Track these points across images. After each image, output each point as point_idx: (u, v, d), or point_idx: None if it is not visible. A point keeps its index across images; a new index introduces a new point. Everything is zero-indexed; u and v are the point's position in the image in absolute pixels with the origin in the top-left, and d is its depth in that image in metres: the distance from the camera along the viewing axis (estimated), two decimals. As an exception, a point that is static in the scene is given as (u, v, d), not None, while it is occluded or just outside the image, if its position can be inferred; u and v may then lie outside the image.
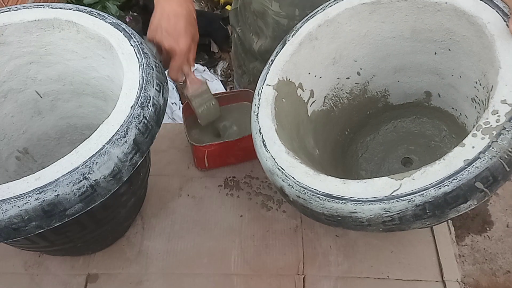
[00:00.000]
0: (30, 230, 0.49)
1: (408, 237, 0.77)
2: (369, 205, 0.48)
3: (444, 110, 0.74)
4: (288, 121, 0.66)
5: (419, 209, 0.46)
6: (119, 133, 0.53)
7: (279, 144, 0.59)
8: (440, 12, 0.61)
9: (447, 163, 0.46)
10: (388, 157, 0.78)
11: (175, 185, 0.86)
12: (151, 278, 0.74)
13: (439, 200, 0.46)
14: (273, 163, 0.57)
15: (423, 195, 0.46)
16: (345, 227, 0.51)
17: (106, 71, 0.68)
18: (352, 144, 0.81)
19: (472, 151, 0.46)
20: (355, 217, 0.49)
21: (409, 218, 0.47)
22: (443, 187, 0.45)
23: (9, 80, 0.71)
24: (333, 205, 0.50)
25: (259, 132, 0.61)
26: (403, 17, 0.65)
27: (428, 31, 0.65)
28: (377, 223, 0.49)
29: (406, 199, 0.47)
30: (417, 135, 0.79)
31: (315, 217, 0.54)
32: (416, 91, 0.76)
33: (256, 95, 0.66)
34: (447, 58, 0.66)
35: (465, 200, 0.45)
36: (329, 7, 0.69)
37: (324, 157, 0.72)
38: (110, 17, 0.66)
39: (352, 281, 0.73)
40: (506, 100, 0.47)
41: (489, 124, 0.47)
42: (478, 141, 0.46)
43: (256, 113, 0.64)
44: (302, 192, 0.53)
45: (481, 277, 0.73)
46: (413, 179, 0.47)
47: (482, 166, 0.45)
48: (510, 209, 0.81)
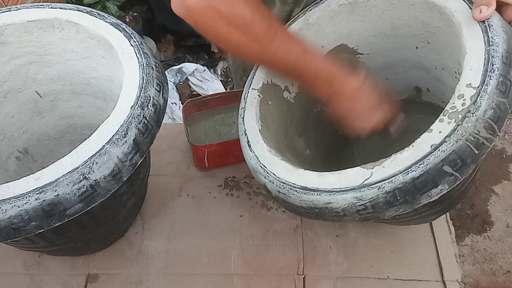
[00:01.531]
0: (30, 230, 0.49)
1: (408, 237, 0.77)
2: (342, 195, 0.49)
3: (436, 105, 0.74)
4: (274, 122, 0.66)
5: (390, 195, 0.47)
6: (119, 133, 0.53)
7: (262, 143, 0.60)
8: (413, 6, 0.62)
9: (415, 149, 0.47)
10: (384, 155, 0.78)
11: (175, 185, 0.86)
12: (151, 278, 0.74)
13: (408, 186, 0.46)
14: (256, 162, 0.59)
15: (392, 181, 0.47)
16: (323, 218, 0.52)
17: (106, 71, 0.68)
18: (347, 145, 0.81)
19: (439, 136, 0.46)
20: (331, 207, 0.50)
21: (381, 206, 0.48)
22: (411, 172, 0.46)
23: (9, 80, 0.71)
24: (310, 197, 0.51)
25: (244, 134, 0.62)
26: (380, 14, 0.66)
27: (406, 26, 0.65)
28: (352, 213, 0.49)
29: (376, 187, 0.47)
30: (413, 131, 0.78)
31: (295, 211, 0.55)
32: (406, 87, 0.76)
33: (242, 99, 0.67)
34: (428, 51, 0.67)
35: (435, 184, 0.46)
36: (309, 10, 0.69)
37: (315, 157, 0.73)
38: (110, 17, 0.66)
39: (352, 281, 0.73)
40: (471, 84, 0.48)
41: (455, 108, 0.47)
42: (445, 126, 0.47)
43: (242, 116, 0.65)
44: (282, 187, 0.54)
45: (481, 277, 0.73)
46: (383, 167, 0.48)
47: (448, 149, 0.45)
48: (510, 209, 0.81)
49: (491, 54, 0.48)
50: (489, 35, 0.50)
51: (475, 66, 0.49)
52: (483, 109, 0.46)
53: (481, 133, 0.45)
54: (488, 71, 0.47)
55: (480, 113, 0.46)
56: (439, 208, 0.67)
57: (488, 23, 0.51)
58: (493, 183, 0.84)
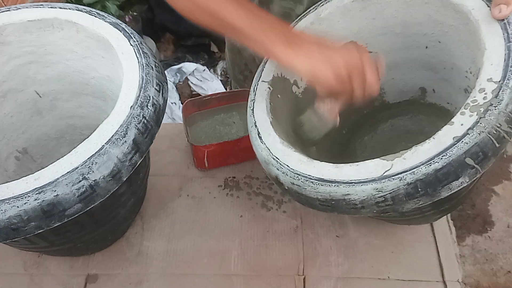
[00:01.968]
0: (29, 231, 0.49)
1: (409, 237, 0.77)
2: (362, 186, 0.49)
3: (440, 106, 0.74)
4: (283, 116, 0.66)
5: (411, 187, 0.47)
6: (119, 133, 0.53)
7: (273, 135, 0.59)
8: (427, 5, 0.62)
9: (436, 142, 0.47)
10: (387, 155, 0.79)
11: (175, 185, 0.86)
12: (151, 278, 0.74)
13: (430, 177, 0.46)
14: (268, 153, 0.58)
15: (414, 173, 0.46)
16: (339, 211, 0.51)
17: (106, 71, 0.68)
18: (350, 144, 0.81)
19: (461, 128, 0.46)
20: (349, 199, 0.50)
21: (401, 198, 0.47)
22: (434, 163, 0.46)
23: (9, 80, 0.71)
24: (327, 188, 0.51)
25: (255, 125, 0.62)
26: (393, 12, 0.66)
27: (418, 25, 0.65)
28: (371, 205, 0.49)
29: (398, 178, 0.47)
30: (415, 132, 0.79)
31: (309, 203, 0.54)
32: (411, 88, 0.76)
33: (251, 91, 0.67)
34: (438, 51, 0.67)
35: (456, 176, 0.46)
36: (321, 6, 0.69)
37: (321, 155, 0.73)
38: (109, 16, 0.66)
39: (352, 281, 0.73)
40: (492, 78, 0.48)
41: (476, 102, 0.47)
42: (466, 119, 0.47)
43: (251, 108, 0.65)
44: (296, 178, 0.54)
45: (482, 278, 0.73)
46: (404, 158, 0.48)
47: (471, 141, 0.45)
48: (511, 209, 0.80)
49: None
50: (508, 31, 0.51)
51: (496, 62, 0.49)
52: (505, 102, 0.46)
53: (502, 126, 0.46)
54: (509, 66, 0.48)
55: (502, 106, 0.46)
56: (445, 207, 0.67)
57: (507, 20, 0.52)
58: (494, 183, 0.84)
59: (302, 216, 0.80)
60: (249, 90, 0.89)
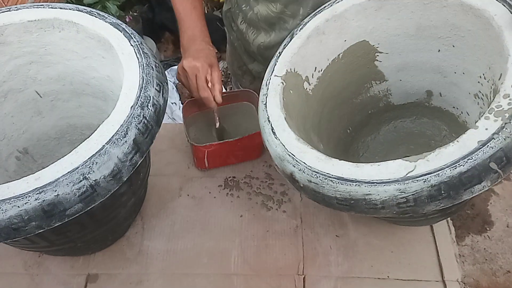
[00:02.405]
0: (30, 230, 0.49)
1: (408, 237, 0.77)
2: (384, 187, 0.48)
3: (445, 110, 0.74)
4: (295, 112, 0.66)
5: (435, 189, 0.47)
6: (119, 133, 0.53)
7: (288, 131, 0.59)
8: (446, 8, 0.62)
9: (461, 145, 0.47)
10: (388, 157, 0.78)
11: (175, 185, 0.86)
12: (151, 278, 0.74)
13: (454, 180, 0.46)
14: (283, 149, 0.57)
15: (439, 175, 0.46)
16: (358, 210, 0.51)
17: (106, 71, 0.68)
18: (353, 143, 0.81)
19: (486, 133, 0.47)
20: (369, 199, 0.49)
21: (424, 200, 0.47)
22: (459, 167, 0.46)
23: (9, 80, 0.71)
24: (347, 187, 0.50)
25: (268, 121, 0.61)
26: (409, 13, 0.66)
27: (433, 28, 0.65)
28: (391, 205, 0.49)
29: (422, 179, 0.47)
30: (418, 135, 0.79)
31: (326, 202, 0.53)
32: (418, 90, 0.76)
33: (264, 86, 0.66)
34: (451, 55, 0.66)
35: (479, 180, 0.46)
36: (336, 2, 0.69)
37: (328, 153, 0.72)
38: (110, 17, 0.66)
39: (352, 281, 0.73)
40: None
41: (501, 107, 0.48)
42: (491, 123, 0.47)
43: (264, 102, 0.64)
44: (314, 176, 0.53)
45: (481, 277, 0.73)
46: (428, 160, 0.48)
47: (496, 146, 0.45)
48: (510, 209, 0.80)
49: None
50: None
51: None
52: None
53: None
54: None
55: None
56: (451, 211, 0.67)
57: None
58: (493, 183, 0.84)
59: (302, 216, 0.80)
60: (249, 90, 0.90)
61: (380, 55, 0.73)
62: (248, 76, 1.04)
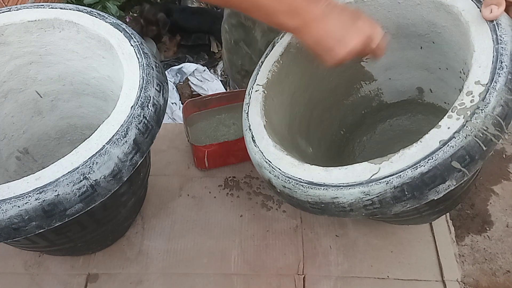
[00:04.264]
0: (30, 230, 0.49)
1: (408, 237, 0.77)
2: (349, 190, 0.49)
3: (438, 106, 0.74)
4: (278, 119, 0.67)
5: (398, 190, 0.47)
6: (119, 133, 0.53)
7: (267, 138, 0.60)
8: (420, 5, 0.62)
9: (423, 145, 0.47)
10: (385, 155, 0.79)
11: (175, 185, 0.86)
12: (151, 278, 0.74)
13: (416, 181, 0.46)
14: (261, 157, 0.59)
15: (400, 176, 0.47)
16: (329, 214, 0.52)
17: (106, 71, 0.68)
18: (348, 144, 0.81)
19: (448, 132, 0.46)
20: (337, 202, 0.50)
21: (389, 201, 0.48)
22: (420, 167, 0.46)
23: (9, 80, 0.71)
24: (316, 192, 0.51)
25: (249, 129, 0.62)
26: (386, 13, 0.66)
27: (412, 26, 0.65)
28: (359, 208, 0.49)
29: (384, 181, 0.47)
30: (414, 132, 0.79)
31: (300, 206, 0.55)
32: (408, 88, 0.76)
33: (247, 95, 0.67)
34: (433, 51, 0.67)
35: (443, 180, 0.46)
36: None
37: (317, 156, 0.73)
38: (110, 17, 0.66)
39: (352, 281, 0.73)
40: (479, 81, 0.48)
41: (464, 105, 0.47)
42: (453, 122, 0.47)
43: (246, 111, 0.65)
44: (287, 181, 0.54)
45: (481, 277, 0.73)
46: (391, 162, 0.48)
47: (457, 145, 0.45)
48: (510, 209, 0.81)
49: (500, 52, 0.49)
50: (497, 33, 0.51)
51: (484, 64, 0.49)
52: (491, 105, 0.46)
53: (489, 129, 0.46)
54: (497, 68, 0.48)
55: (489, 109, 0.46)
56: (441, 208, 0.67)
57: (496, 22, 0.51)
58: (493, 183, 0.84)
59: (302, 215, 0.81)
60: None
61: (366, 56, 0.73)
62: (247, 79, 1.04)
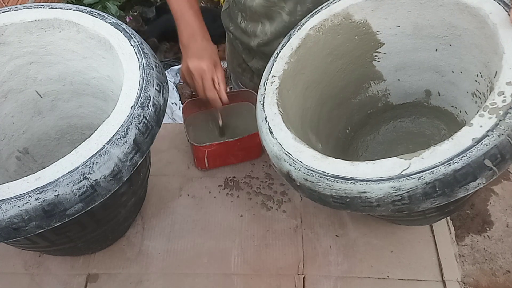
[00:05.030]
0: (30, 230, 0.49)
1: (408, 237, 0.77)
2: (379, 184, 0.48)
3: (444, 109, 0.74)
4: (292, 112, 0.66)
5: (429, 187, 0.47)
6: (119, 133, 0.53)
7: (285, 130, 0.59)
8: (442, 7, 0.62)
9: (455, 142, 0.47)
10: (388, 156, 0.79)
11: (175, 185, 0.86)
12: (151, 278, 0.74)
13: (448, 178, 0.46)
14: (279, 149, 0.58)
15: (433, 172, 0.46)
16: (353, 209, 0.51)
17: (106, 71, 0.69)
18: (352, 143, 0.81)
19: (480, 130, 0.47)
20: (365, 197, 0.49)
21: (418, 197, 0.47)
22: (453, 164, 0.46)
23: (10, 80, 0.71)
24: (342, 185, 0.50)
25: (265, 120, 0.62)
26: (406, 13, 0.66)
27: (430, 27, 0.65)
28: (387, 203, 0.49)
29: (416, 177, 0.47)
30: (417, 134, 0.79)
31: (322, 200, 0.54)
32: (416, 90, 0.76)
33: (261, 86, 0.67)
34: (448, 54, 0.67)
35: (474, 178, 0.46)
36: (334, 3, 0.69)
37: (326, 152, 0.73)
38: (110, 17, 0.66)
39: (352, 281, 0.73)
40: (511, 82, 0.48)
41: (495, 104, 0.48)
42: (486, 121, 0.47)
43: (261, 102, 0.64)
44: (310, 174, 0.53)
45: (481, 277, 0.73)
46: (422, 158, 0.48)
47: (491, 143, 0.45)
48: (510, 209, 0.81)
49: None
50: None
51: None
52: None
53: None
54: None
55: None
56: (450, 209, 0.67)
57: None
58: (493, 183, 0.84)
59: (302, 215, 0.81)
60: (249, 90, 0.90)
61: (378, 55, 0.73)
62: (248, 73, 1.04)
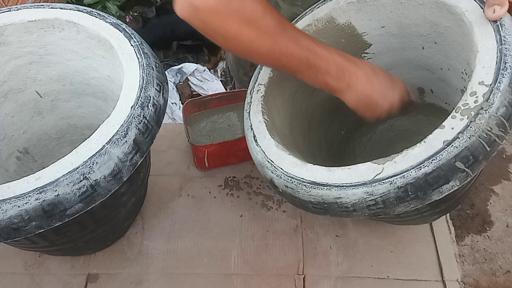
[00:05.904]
0: (30, 230, 0.49)
1: (408, 237, 0.77)
2: (353, 190, 0.49)
3: (438, 106, 0.74)
4: (280, 118, 0.66)
5: (401, 191, 0.47)
6: (119, 133, 0.53)
7: (269, 138, 0.59)
8: (422, 6, 0.62)
9: (427, 145, 0.47)
10: (386, 155, 0.79)
11: (175, 185, 0.86)
12: (151, 278, 0.74)
13: (420, 181, 0.46)
14: (263, 156, 0.58)
15: (404, 176, 0.47)
16: (332, 214, 0.52)
17: (106, 71, 0.68)
18: (349, 144, 0.81)
19: (451, 132, 0.46)
20: (340, 202, 0.50)
21: (392, 201, 0.48)
22: (424, 168, 0.46)
23: (10, 80, 0.71)
24: (319, 192, 0.51)
25: (251, 128, 0.62)
26: (388, 13, 0.66)
27: (414, 26, 0.65)
28: (362, 208, 0.49)
29: (388, 182, 0.47)
30: (414, 132, 0.79)
31: (303, 206, 0.54)
32: (410, 88, 0.76)
33: (248, 94, 0.67)
34: (435, 52, 0.67)
35: (446, 180, 0.46)
36: (317, 8, 0.69)
37: (318, 155, 0.73)
38: (110, 17, 0.66)
39: (352, 281, 0.73)
40: (483, 82, 0.48)
41: (467, 105, 0.47)
42: (457, 122, 0.47)
43: (248, 111, 0.65)
44: (290, 181, 0.54)
45: (481, 277, 0.73)
46: (395, 162, 0.48)
47: (461, 145, 0.45)
48: (510, 209, 0.81)
49: (504, 53, 0.49)
50: (501, 34, 0.51)
51: (488, 64, 0.49)
52: (495, 106, 0.46)
53: (493, 130, 0.46)
54: (501, 69, 0.48)
55: (492, 110, 0.46)
56: (442, 208, 0.67)
57: (500, 22, 0.51)
58: (493, 183, 0.84)
59: (302, 215, 0.80)
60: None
61: (367, 56, 0.73)
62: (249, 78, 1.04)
